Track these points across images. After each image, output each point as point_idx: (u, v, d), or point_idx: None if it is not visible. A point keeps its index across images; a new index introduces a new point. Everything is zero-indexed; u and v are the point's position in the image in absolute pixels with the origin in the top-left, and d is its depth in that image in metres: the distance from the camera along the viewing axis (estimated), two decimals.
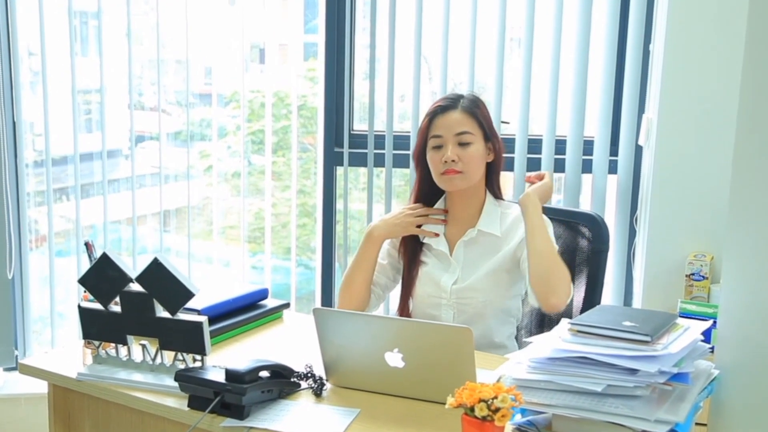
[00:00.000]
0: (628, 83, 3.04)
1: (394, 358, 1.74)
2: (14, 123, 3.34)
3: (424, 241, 2.27)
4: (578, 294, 2.33)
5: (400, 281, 2.30)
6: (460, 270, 2.21)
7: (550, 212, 2.38)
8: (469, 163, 2.16)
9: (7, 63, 3.29)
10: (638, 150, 3.05)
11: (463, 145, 2.16)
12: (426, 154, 2.22)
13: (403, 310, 2.28)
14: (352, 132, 3.27)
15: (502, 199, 2.29)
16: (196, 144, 3.53)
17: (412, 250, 2.28)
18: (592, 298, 2.30)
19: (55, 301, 3.44)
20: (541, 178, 2.22)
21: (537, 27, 3.07)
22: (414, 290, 2.26)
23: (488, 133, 2.20)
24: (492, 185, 2.27)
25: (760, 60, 1.50)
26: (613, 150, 3.10)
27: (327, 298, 3.36)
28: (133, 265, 3.33)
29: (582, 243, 2.34)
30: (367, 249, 2.22)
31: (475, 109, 2.19)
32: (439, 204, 2.28)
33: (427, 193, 2.27)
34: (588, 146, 3.10)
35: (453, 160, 2.15)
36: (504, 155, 2.28)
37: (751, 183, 1.52)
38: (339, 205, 3.34)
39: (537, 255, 2.06)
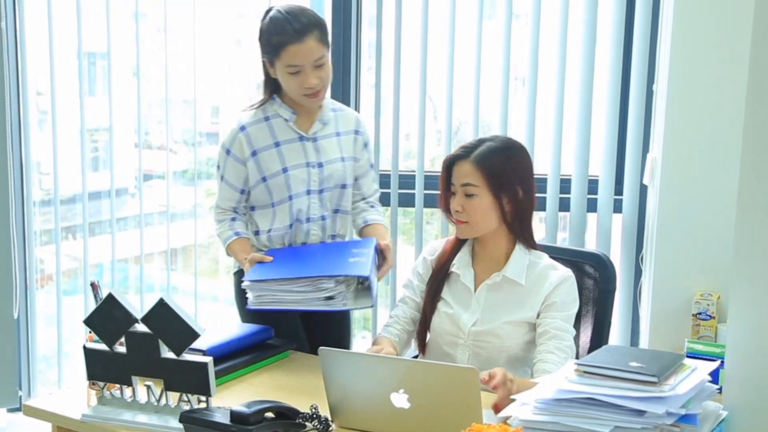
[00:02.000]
0: (632, 123, 3.05)
1: (400, 399, 1.73)
2: (21, 162, 3.36)
3: (453, 270, 2.26)
4: (585, 334, 2.32)
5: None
6: (480, 312, 2.20)
7: (556, 252, 2.38)
8: (473, 214, 2.16)
9: (16, 103, 3.33)
10: (643, 189, 3.06)
11: (468, 196, 2.17)
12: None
13: (422, 338, 2.28)
14: None
15: (534, 248, 2.24)
16: (202, 182, 3.55)
17: (439, 279, 2.28)
18: (599, 339, 2.29)
19: (62, 341, 3.43)
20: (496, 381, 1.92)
21: (541, 66, 3.10)
22: (432, 323, 2.26)
23: (499, 186, 2.15)
24: (520, 233, 2.22)
25: (762, 100, 1.51)
26: (618, 189, 3.11)
27: None
28: (140, 304, 3.33)
29: (589, 283, 2.34)
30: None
31: (485, 161, 2.15)
32: (469, 243, 2.29)
33: None
34: (593, 185, 3.11)
35: (458, 210, 2.17)
36: (532, 204, 2.22)
37: (757, 222, 1.53)
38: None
39: None
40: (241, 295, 2.45)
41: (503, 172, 2.15)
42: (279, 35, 2.38)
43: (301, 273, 2.10)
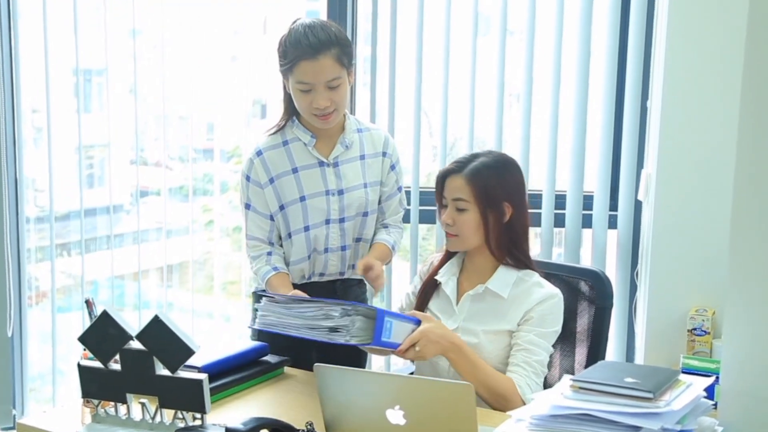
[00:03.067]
0: (627, 139, 3.06)
1: (396, 416, 1.72)
2: (16, 179, 3.36)
3: (438, 278, 2.27)
4: (581, 351, 2.32)
5: None
6: (462, 321, 2.21)
7: (553, 268, 2.38)
8: (463, 228, 2.17)
9: (11, 120, 3.33)
10: (638, 205, 3.07)
11: (459, 210, 2.17)
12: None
13: None
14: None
15: (529, 267, 2.22)
16: (198, 199, 3.55)
17: (426, 291, 2.30)
18: (595, 355, 2.29)
19: (56, 359, 3.42)
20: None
21: (536, 82, 3.11)
22: None
23: (488, 202, 2.16)
24: (508, 251, 2.21)
25: (756, 116, 1.52)
26: (613, 205, 3.11)
27: None
28: (138, 320, 3.33)
29: (585, 300, 2.34)
30: None
31: (477, 176, 2.15)
32: (460, 254, 2.30)
33: None
34: (588, 201, 3.12)
35: (448, 224, 2.19)
36: (525, 221, 2.22)
37: (751, 237, 1.53)
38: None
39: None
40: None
41: (493, 189, 2.16)
42: (294, 49, 2.27)
43: (313, 297, 2.04)
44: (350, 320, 1.90)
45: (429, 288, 2.31)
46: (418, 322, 2.07)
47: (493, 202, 2.16)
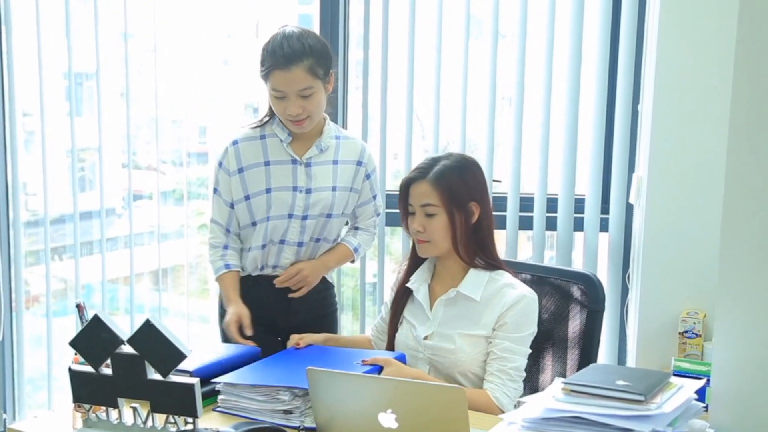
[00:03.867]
0: (618, 142, 3.07)
1: (388, 419, 1.72)
2: (7, 183, 3.35)
3: (410, 285, 2.28)
4: (573, 354, 2.32)
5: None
6: (436, 326, 2.21)
7: (544, 271, 2.39)
8: (434, 233, 2.18)
9: (2, 124, 3.32)
10: (629, 208, 3.07)
11: (428, 215, 2.18)
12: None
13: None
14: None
15: (499, 267, 2.23)
16: (191, 202, 3.55)
17: (401, 298, 2.31)
18: (587, 358, 2.29)
19: (51, 363, 3.41)
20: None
21: (527, 86, 3.12)
22: (396, 340, 2.29)
23: (455, 203, 2.16)
24: (476, 252, 2.21)
25: (746, 119, 1.53)
26: (604, 208, 3.12)
27: None
28: (130, 324, 3.32)
29: (577, 303, 2.34)
30: None
31: (442, 180, 2.16)
32: (430, 260, 2.30)
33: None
34: (579, 204, 3.13)
35: (419, 231, 2.19)
36: (490, 221, 2.23)
37: (741, 240, 1.54)
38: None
39: None
40: (222, 317, 2.49)
41: (459, 190, 2.17)
42: (270, 57, 2.36)
43: (262, 381, 2.02)
44: (302, 401, 1.89)
45: (401, 296, 2.31)
46: (379, 370, 2.07)
47: (460, 203, 2.17)
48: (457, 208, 2.16)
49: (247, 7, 3.47)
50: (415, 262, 2.31)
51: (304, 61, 2.34)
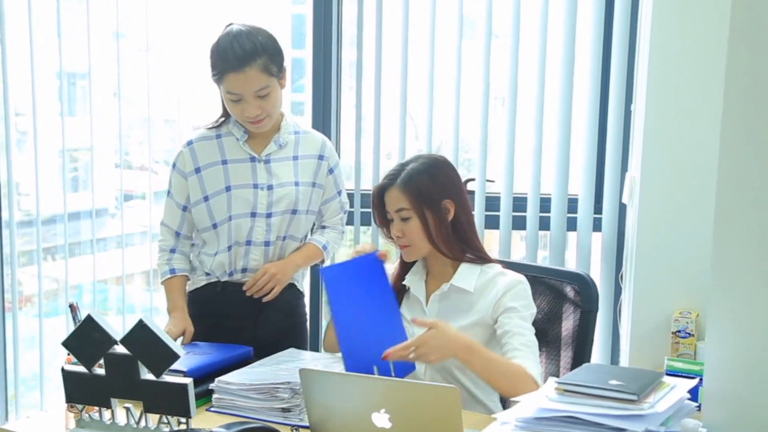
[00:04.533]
0: (611, 142, 3.08)
1: (381, 419, 1.72)
2: None
3: (406, 283, 2.28)
4: (566, 354, 2.32)
5: None
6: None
7: (538, 271, 2.39)
8: (412, 236, 2.18)
9: None
10: (622, 208, 3.08)
11: (404, 220, 2.18)
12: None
13: None
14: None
15: (487, 260, 2.24)
16: None
17: (396, 293, 2.29)
18: (580, 358, 2.29)
19: (42, 364, 3.40)
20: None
21: (520, 86, 3.12)
22: None
23: (425, 203, 2.16)
24: (461, 248, 2.22)
25: (739, 119, 1.53)
26: (598, 208, 3.13)
27: None
28: (122, 325, 3.31)
29: (570, 303, 2.34)
30: None
31: (410, 183, 2.16)
32: (421, 260, 2.30)
33: None
34: (572, 204, 3.13)
35: (399, 236, 2.19)
36: (469, 216, 2.23)
37: (734, 240, 1.54)
38: (326, 262, 3.33)
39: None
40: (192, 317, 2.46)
41: (428, 190, 2.17)
42: (221, 61, 2.32)
43: (260, 380, 2.01)
44: (301, 399, 1.89)
45: (398, 293, 2.30)
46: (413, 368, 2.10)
47: (431, 203, 2.17)
48: (428, 209, 2.17)
49: (238, 7, 3.46)
50: (404, 265, 2.31)
51: (258, 61, 2.30)
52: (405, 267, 2.31)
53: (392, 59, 3.21)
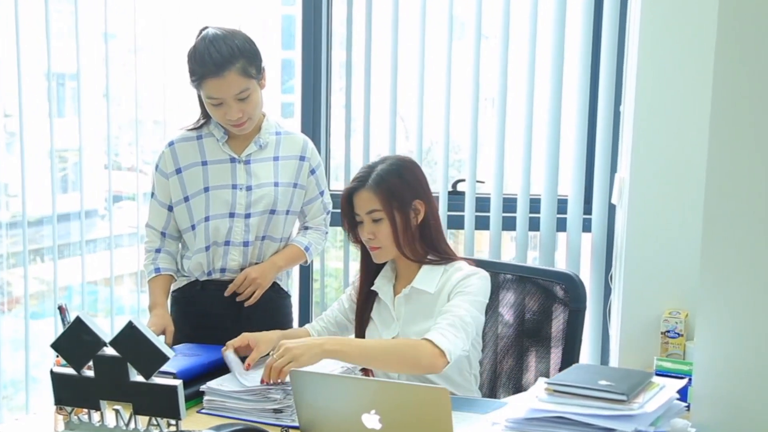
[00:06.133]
0: (600, 143, 3.09)
1: (372, 420, 1.72)
2: None
3: (375, 288, 2.28)
4: (556, 354, 2.33)
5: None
6: (400, 326, 2.22)
7: (526, 271, 2.40)
8: (383, 238, 2.18)
9: None
10: (611, 208, 3.09)
11: (375, 221, 2.18)
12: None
13: None
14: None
15: (453, 259, 2.24)
16: None
17: (365, 298, 2.31)
18: (570, 358, 2.30)
19: (30, 366, 3.38)
20: None
21: (510, 87, 3.13)
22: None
23: (397, 204, 2.16)
24: (426, 250, 2.22)
25: (727, 120, 1.54)
26: (587, 208, 3.14)
27: None
28: (110, 326, 3.30)
29: (559, 303, 2.35)
30: None
31: (382, 184, 2.16)
32: (390, 263, 2.30)
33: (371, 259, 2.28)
34: (562, 205, 3.14)
35: (369, 238, 2.19)
36: (436, 216, 2.24)
37: (722, 240, 1.55)
38: (316, 263, 3.34)
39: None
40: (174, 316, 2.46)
41: (399, 190, 2.18)
42: (200, 66, 2.32)
43: (252, 383, 1.99)
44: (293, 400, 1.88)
45: (365, 301, 2.30)
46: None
47: (403, 204, 2.18)
48: (399, 210, 2.17)
49: (228, 8, 3.45)
50: (367, 268, 2.30)
51: (236, 65, 2.30)
52: (375, 270, 2.31)
53: (382, 60, 3.21)
